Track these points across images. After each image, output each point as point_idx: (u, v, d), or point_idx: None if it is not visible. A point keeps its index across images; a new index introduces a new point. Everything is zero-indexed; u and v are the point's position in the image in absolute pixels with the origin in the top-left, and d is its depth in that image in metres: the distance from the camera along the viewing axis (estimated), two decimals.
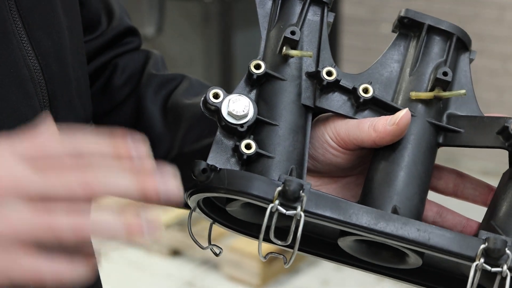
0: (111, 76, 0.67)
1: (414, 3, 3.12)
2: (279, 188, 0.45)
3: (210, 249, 0.53)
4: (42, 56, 0.53)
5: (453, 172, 0.55)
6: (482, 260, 0.44)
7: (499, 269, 0.44)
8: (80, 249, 0.35)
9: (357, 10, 3.46)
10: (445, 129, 0.52)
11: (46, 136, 0.37)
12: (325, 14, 0.54)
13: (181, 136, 0.62)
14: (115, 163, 0.36)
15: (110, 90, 0.67)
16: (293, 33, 0.51)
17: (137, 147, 0.36)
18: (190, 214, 0.52)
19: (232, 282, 2.42)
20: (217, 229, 0.54)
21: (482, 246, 0.44)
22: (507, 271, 0.44)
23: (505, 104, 3.19)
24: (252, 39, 2.69)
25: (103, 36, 0.66)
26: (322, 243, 0.54)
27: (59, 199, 0.34)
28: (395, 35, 0.55)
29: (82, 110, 0.59)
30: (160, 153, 0.63)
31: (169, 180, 0.35)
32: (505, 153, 0.51)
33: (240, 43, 2.71)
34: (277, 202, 0.45)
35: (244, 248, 2.38)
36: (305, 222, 0.49)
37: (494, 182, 0.54)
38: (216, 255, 0.53)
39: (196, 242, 0.53)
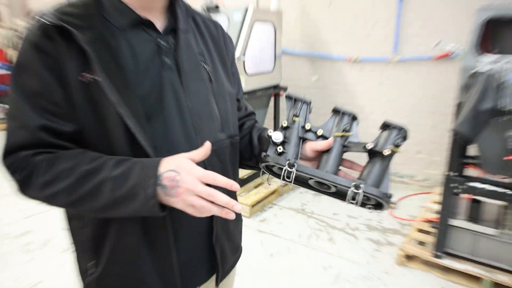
0: (241, 127, 1.44)
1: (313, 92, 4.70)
2: (288, 162, 1.09)
3: (267, 179, 1.32)
4: (192, 103, 1.16)
5: (349, 161, 1.21)
6: (353, 188, 1.06)
7: (358, 191, 1.05)
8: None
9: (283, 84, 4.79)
10: (345, 146, 1.17)
11: (210, 175, 0.99)
12: (308, 105, 1.23)
13: (262, 147, 1.35)
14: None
15: (240, 132, 1.41)
16: (296, 115, 1.20)
17: (232, 187, 0.98)
18: (262, 172, 1.22)
19: None
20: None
21: (353, 183, 1.06)
22: (360, 191, 1.05)
23: None
24: None
25: (242, 113, 1.45)
26: (307, 184, 1.22)
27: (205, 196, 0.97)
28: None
29: (232, 130, 1.28)
30: (257, 154, 1.36)
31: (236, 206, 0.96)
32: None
33: None
34: (286, 166, 1.09)
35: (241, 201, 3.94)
36: (299, 176, 1.14)
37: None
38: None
39: (262, 178, 1.58)
